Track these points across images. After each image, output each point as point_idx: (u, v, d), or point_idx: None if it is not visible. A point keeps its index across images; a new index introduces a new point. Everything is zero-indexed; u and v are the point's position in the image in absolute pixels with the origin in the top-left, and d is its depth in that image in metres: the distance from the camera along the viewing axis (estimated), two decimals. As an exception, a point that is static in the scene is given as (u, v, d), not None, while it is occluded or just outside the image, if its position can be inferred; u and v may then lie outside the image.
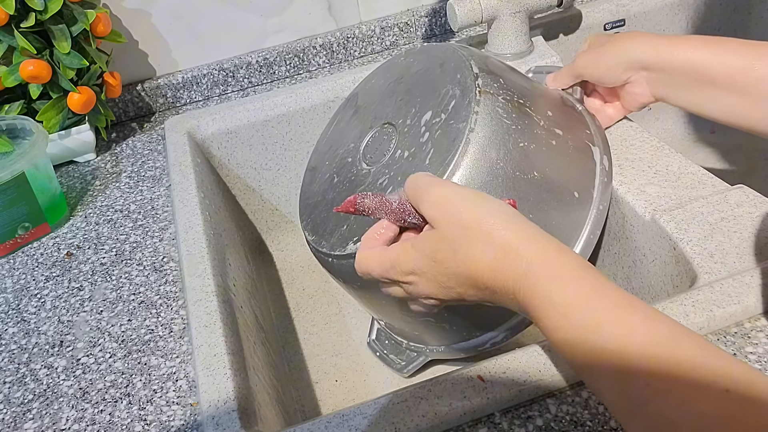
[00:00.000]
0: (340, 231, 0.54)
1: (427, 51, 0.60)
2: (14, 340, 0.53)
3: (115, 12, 0.80)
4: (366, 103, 0.63)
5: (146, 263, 0.59)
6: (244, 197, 0.83)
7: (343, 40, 0.86)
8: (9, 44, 0.69)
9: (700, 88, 0.50)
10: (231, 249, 0.66)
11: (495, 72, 0.54)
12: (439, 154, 0.50)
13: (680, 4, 0.88)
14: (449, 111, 0.52)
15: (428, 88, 0.56)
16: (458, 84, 0.53)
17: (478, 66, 0.54)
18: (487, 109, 0.50)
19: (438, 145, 0.51)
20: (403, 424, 0.39)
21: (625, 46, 0.54)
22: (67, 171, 0.76)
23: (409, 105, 0.56)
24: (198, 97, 0.86)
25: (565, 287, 0.34)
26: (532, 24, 0.79)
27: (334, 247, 0.54)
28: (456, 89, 0.53)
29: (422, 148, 0.52)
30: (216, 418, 0.42)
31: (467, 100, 0.51)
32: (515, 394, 0.40)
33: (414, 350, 0.63)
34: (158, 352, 0.50)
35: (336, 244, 0.54)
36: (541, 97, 0.57)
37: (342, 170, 0.59)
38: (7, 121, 0.66)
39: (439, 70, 0.56)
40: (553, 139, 0.53)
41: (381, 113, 0.59)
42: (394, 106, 0.58)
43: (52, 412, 0.46)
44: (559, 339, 0.34)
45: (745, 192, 0.50)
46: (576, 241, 0.51)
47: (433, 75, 0.57)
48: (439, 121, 0.52)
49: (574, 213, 0.52)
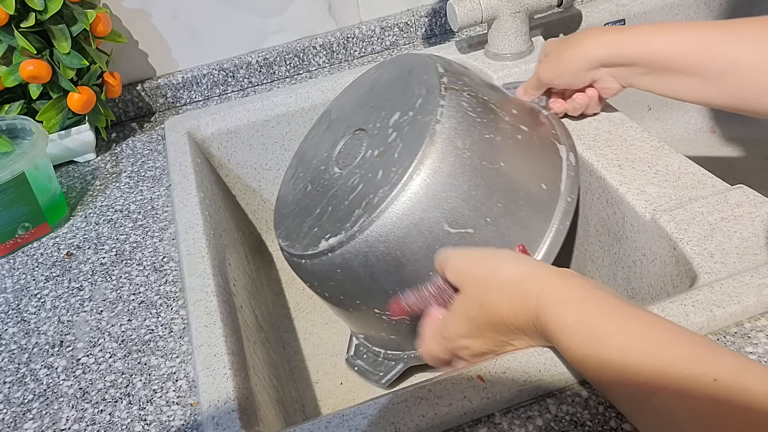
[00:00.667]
0: (312, 232, 0.55)
1: (396, 61, 0.63)
2: (14, 340, 0.53)
3: (115, 12, 0.80)
4: (339, 117, 0.65)
5: (146, 263, 0.59)
6: (244, 197, 0.83)
7: (343, 40, 0.86)
8: (9, 44, 0.69)
9: (659, 74, 0.52)
10: (231, 249, 0.66)
11: (460, 72, 0.57)
12: (407, 147, 0.52)
13: (680, 4, 0.88)
14: (416, 108, 0.54)
15: (397, 93, 0.58)
16: (425, 84, 0.55)
17: (443, 67, 0.56)
18: (452, 102, 0.53)
19: (406, 140, 0.52)
20: (403, 424, 0.39)
21: (583, 49, 0.56)
22: (67, 171, 0.76)
23: (379, 110, 0.58)
24: (198, 97, 0.86)
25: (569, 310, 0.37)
26: (532, 24, 0.79)
27: (306, 247, 0.55)
28: (422, 89, 0.55)
29: (391, 145, 0.54)
30: (216, 418, 0.42)
31: (433, 96, 0.53)
32: (515, 394, 0.40)
33: (392, 359, 0.62)
34: (158, 352, 0.50)
35: (308, 244, 0.55)
36: (507, 99, 0.60)
37: (315, 178, 0.60)
38: (7, 121, 0.66)
39: (408, 76, 0.59)
40: (518, 134, 0.55)
41: (353, 122, 0.61)
42: (365, 114, 0.60)
43: (52, 412, 0.46)
44: (572, 358, 0.37)
45: (745, 192, 0.50)
46: (547, 231, 0.53)
47: (401, 81, 0.59)
48: (407, 119, 0.54)
49: (543, 204, 0.53)
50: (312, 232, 0.55)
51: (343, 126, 0.62)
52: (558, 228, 0.53)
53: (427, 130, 0.51)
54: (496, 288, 0.40)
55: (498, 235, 0.51)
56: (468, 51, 0.81)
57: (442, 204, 0.50)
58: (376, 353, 0.63)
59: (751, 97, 0.48)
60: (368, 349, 0.65)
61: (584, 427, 0.38)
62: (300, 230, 0.57)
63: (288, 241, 0.58)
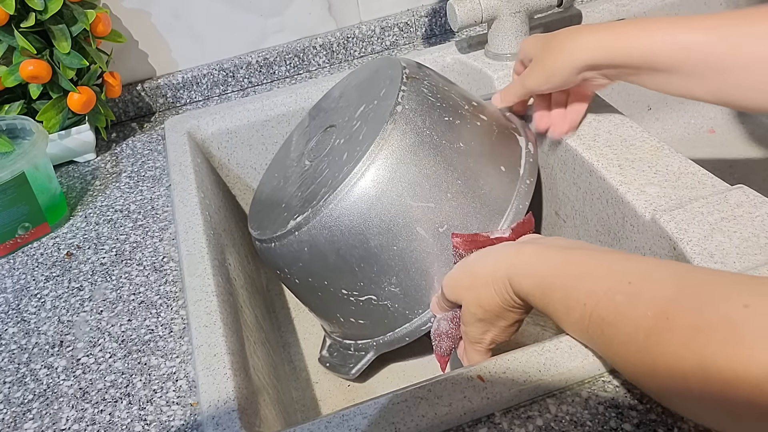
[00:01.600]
0: (281, 217, 0.57)
1: (366, 65, 0.67)
2: (14, 340, 0.53)
3: (115, 12, 0.80)
4: (311, 123, 0.68)
5: (146, 263, 0.59)
6: (244, 197, 0.83)
7: (343, 40, 0.86)
8: (9, 44, 0.69)
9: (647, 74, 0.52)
10: (231, 249, 0.66)
11: (422, 67, 0.61)
12: (371, 129, 0.55)
13: (680, 4, 0.88)
14: (380, 97, 0.58)
15: (364, 91, 0.62)
16: (389, 77, 0.59)
17: (406, 63, 0.60)
18: (413, 89, 0.56)
19: (370, 124, 0.56)
20: (403, 424, 0.39)
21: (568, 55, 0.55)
22: (67, 171, 0.76)
23: (348, 108, 0.62)
24: (198, 97, 0.86)
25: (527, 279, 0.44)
26: (532, 24, 0.79)
27: (275, 230, 0.57)
28: (386, 82, 0.59)
29: (356, 132, 0.57)
30: (216, 418, 0.42)
31: (395, 85, 0.57)
32: (515, 394, 0.40)
33: (362, 349, 0.62)
34: (158, 352, 0.50)
35: (277, 227, 0.57)
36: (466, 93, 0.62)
37: (287, 175, 0.63)
38: (7, 121, 0.66)
39: (374, 75, 0.63)
40: (477, 121, 0.58)
41: (324, 122, 0.65)
42: (335, 114, 0.64)
43: (52, 412, 0.46)
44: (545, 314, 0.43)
45: (745, 192, 0.50)
46: (507, 210, 0.56)
47: (368, 81, 0.63)
48: (371, 107, 0.58)
49: (502, 185, 0.56)
50: (281, 217, 0.57)
51: (315, 128, 0.66)
52: (517, 207, 0.56)
53: (388, 111, 0.54)
54: (481, 287, 0.47)
55: (459, 210, 0.54)
56: (468, 51, 0.81)
57: (403, 178, 0.53)
58: (347, 346, 0.64)
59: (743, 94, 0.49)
60: (340, 344, 0.65)
61: (584, 427, 0.38)
62: (270, 218, 0.60)
63: (259, 230, 0.60)
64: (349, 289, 0.56)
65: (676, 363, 0.32)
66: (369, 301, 0.56)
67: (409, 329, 0.57)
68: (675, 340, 0.33)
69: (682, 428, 0.37)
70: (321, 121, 0.66)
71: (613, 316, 0.37)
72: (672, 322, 0.33)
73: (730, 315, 0.31)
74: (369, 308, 0.57)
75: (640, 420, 0.38)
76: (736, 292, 0.32)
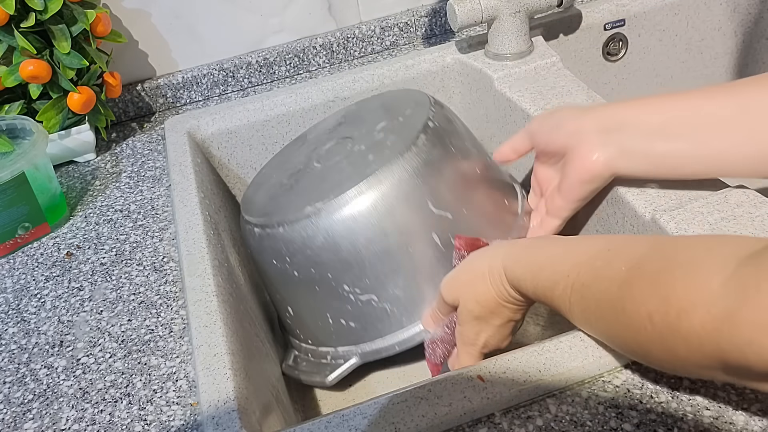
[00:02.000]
0: (294, 203, 0.57)
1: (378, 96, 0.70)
2: (14, 340, 0.53)
3: (115, 12, 0.80)
4: (315, 136, 0.69)
5: (146, 263, 0.59)
6: (244, 197, 0.83)
7: (343, 40, 0.86)
8: (9, 44, 0.69)
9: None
10: (231, 249, 0.66)
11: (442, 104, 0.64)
12: (401, 138, 0.57)
13: (680, 4, 0.88)
14: (406, 116, 0.61)
15: (384, 112, 0.64)
16: (413, 102, 0.62)
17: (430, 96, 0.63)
18: (440, 113, 0.60)
19: (399, 134, 0.58)
20: (403, 424, 0.39)
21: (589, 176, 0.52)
22: (67, 171, 0.76)
23: (364, 124, 0.64)
24: (198, 97, 0.86)
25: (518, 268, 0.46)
26: (532, 24, 0.79)
27: (286, 214, 0.56)
28: (411, 104, 0.62)
29: (381, 139, 0.59)
30: (216, 418, 0.42)
31: (423, 107, 0.60)
32: (515, 394, 0.40)
33: (342, 356, 0.60)
34: (158, 352, 0.50)
35: (289, 212, 0.56)
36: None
37: (292, 175, 0.63)
38: (7, 121, 0.66)
39: (394, 102, 0.66)
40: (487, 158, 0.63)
41: (333, 136, 0.65)
42: (348, 128, 0.65)
43: (52, 412, 0.46)
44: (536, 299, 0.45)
45: (745, 192, 0.50)
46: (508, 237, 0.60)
47: (385, 106, 0.66)
48: (396, 122, 0.60)
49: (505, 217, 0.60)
50: (294, 203, 0.57)
51: (322, 140, 0.66)
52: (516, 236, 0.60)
53: (420, 124, 0.57)
54: (478, 281, 0.48)
55: (471, 226, 0.56)
56: (468, 51, 0.81)
57: (428, 184, 0.55)
58: (321, 354, 0.62)
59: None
60: (312, 352, 0.63)
61: (584, 427, 0.38)
62: (274, 206, 0.59)
63: (260, 216, 0.59)
64: (352, 285, 0.55)
65: (643, 302, 0.33)
66: (369, 301, 0.56)
67: (402, 337, 0.57)
68: (643, 282, 0.34)
69: (682, 428, 0.37)
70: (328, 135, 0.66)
71: (592, 279, 0.38)
72: (642, 270, 0.35)
73: (695, 255, 0.33)
74: (366, 309, 0.56)
75: (640, 420, 0.38)
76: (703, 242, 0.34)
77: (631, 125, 0.49)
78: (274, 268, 0.59)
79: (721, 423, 0.37)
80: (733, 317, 0.28)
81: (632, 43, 0.89)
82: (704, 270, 0.31)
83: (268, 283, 0.63)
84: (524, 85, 0.72)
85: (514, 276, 0.45)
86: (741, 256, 0.30)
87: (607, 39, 0.88)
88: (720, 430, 0.36)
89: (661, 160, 0.48)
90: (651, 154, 0.48)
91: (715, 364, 0.31)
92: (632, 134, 0.49)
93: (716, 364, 0.31)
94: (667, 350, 0.33)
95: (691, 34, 0.91)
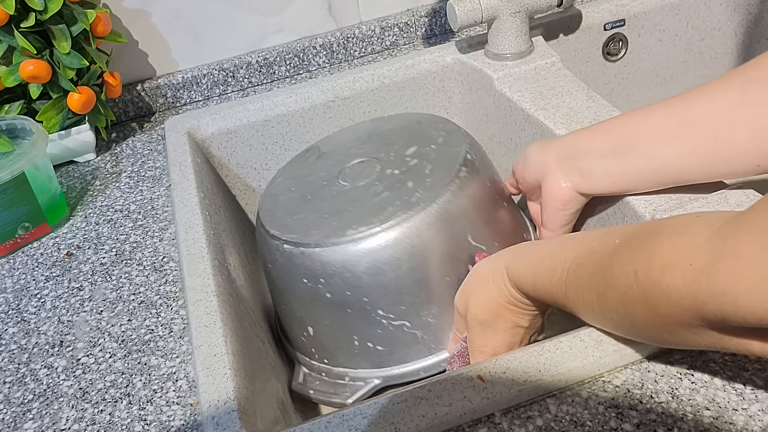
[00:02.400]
0: (330, 225, 0.56)
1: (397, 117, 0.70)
2: (14, 340, 0.53)
3: (115, 12, 0.80)
4: (331, 151, 0.68)
5: (146, 263, 0.59)
6: (244, 197, 0.83)
7: (343, 40, 0.86)
8: (9, 44, 0.69)
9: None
10: (231, 249, 0.66)
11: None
12: (441, 168, 0.58)
13: (680, 4, 0.88)
14: (439, 144, 0.61)
15: (408, 136, 0.64)
16: (443, 130, 0.63)
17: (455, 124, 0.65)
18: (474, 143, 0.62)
19: (438, 164, 0.58)
20: (403, 424, 0.39)
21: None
22: (67, 171, 0.76)
23: (390, 146, 0.64)
24: (198, 97, 0.86)
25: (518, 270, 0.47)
26: (532, 24, 0.79)
27: (327, 236, 0.55)
28: (441, 133, 0.63)
29: (416, 166, 0.59)
30: (216, 418, 0.42)
31: (458, 137, 0.61)
32: (515, 394, 0.40)
33: (361, 378, 0.60)
34: (158, 352, 0.50)
35: (329, 234, 0.55)
36: None
37: (316, 190, 0.62)
38: (7, 121, 0.66)
39: (418, 126, 0.66)
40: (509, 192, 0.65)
41: (355, 154, 0.65)
42: (371, 148, 0.65)
43: (52, 412, 0.46)
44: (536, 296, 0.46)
45: (745, 192, 0.50)
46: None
47: (409, 129, 0.66)
48: (429, 150, 0.61)
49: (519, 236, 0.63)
50: (330, 224, 0.56)
51: (342, 156, 0.65)
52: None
53: (460, 156, 0.58)
54: (483, 285, 0.49)
55: None
56: (468, 51, 0.81)
57: (469, 216, 0.56)
58: (339, 375, 0.61)
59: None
60: (327, 372, 0.62)
61: (584, 427, 0.38)
62: (307, 224, 0.57)
63: (291, 233, 0.57)
64: (387, 310, 0.55)
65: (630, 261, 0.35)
66: (401, 326, 0.56)
67: (428, 363, 0.57)
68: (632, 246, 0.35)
69: (682, 428, 0.37)
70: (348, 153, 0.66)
71: (587, 256, 0.40)
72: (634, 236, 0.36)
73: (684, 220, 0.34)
74: (397, 334, 0.56)
75: (640, 420, 0.38)
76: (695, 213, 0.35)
77: (586, 149, 0.53)
78: (303, 286, 0.57)
79: (721, 423, 0.37)
80: (711, 268, 0.30)
81: (632, 43, 0.89)
82: (691, 229, 0.32)
83: (289, 300, 0.61)
84: (524, 85, 0.72)
85: (515, 272, 0.46)
86: (727, 217, 0.31)
87: (607, 39, 0.88)
88: (720, 430, 0.36)
89: (620, 175, 0.51)
90: (609, 172, 0.52)
91: (694, 320, 0.32)
92: (588, 157, 0.52)
93: (695, 319, 0.32)
94: (650, 308, 0.34)
95: (691, 34, 0.91)
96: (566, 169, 0.54)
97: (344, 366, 0.60)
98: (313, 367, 0.63)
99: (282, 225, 0.59)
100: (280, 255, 0.58)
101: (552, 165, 0.54)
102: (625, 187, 0.52)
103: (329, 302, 0.57)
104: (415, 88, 0.82)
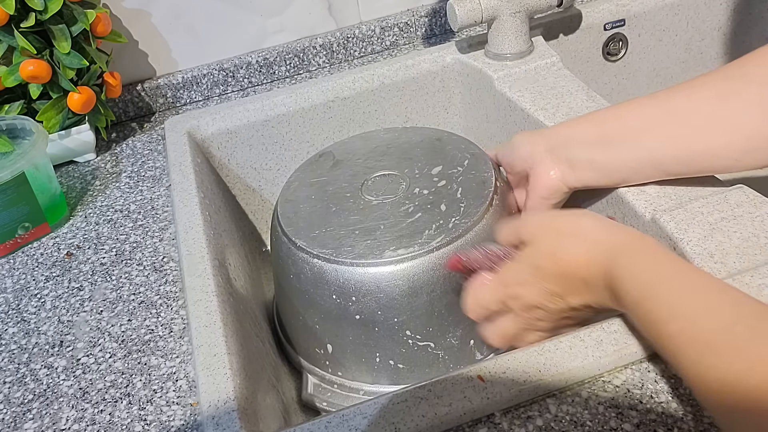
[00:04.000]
0: (363, 243, 0.55)
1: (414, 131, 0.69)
2: (14, 340, 0.53)
3: (115, 12, 0.80)
4: (348, 159, 0.67)
5: (146, 263, 0.59)
6: (244, 197, 0.83)
7: (343, 40, 0.86)
8: (9, 44, 0.69)
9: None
10: (231, 249, 0.66)
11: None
12: (473, 194, 0.58)
13: (680, 4, 0.88)
14: (465, 167, 0.61)
15: (431, 154, 0.64)
16: (467, 152, 0.63)
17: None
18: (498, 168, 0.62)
19: (468, 187, 0.59)
20: (403, 424, 0.39)
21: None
22: (67, 171, 0.76)
23: (413, 162, 0.64)
24: (198, 97, 0.86)
25: (641, 274, 0.38)
26: (532, 24, 0.79)
27: (360, 256, 0.54)
28: (465, 153, 0.63)
29: (447, 189, 0.59)
30: (216, 418, 0.42)
31: (484, 161, 0.61)
32: (515, 394, 0.40)
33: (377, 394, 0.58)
34: (158, 352, 0.50)
35: (364, 254, 0.54)
36: None
37: (340, 202, 0.61)
38: (7, 121, 0.66)
39: (439, 144, 0.66)
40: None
41: (376, 166, 0.65)
42: (392, 162, 0.64)
43: (52, 412, 0.46)
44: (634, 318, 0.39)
45: (745, 192, 0.50)
46: None
47: (431, 146, 0.65)
48: (456, 173, 0.61)
49: None
50: (364, 243, 0.55)
51: (361, 166, 0.65)
52: None
53: (491, 183, 0.59)
54: (574, 239, 0.43)
55: None
56: (468, 51, 0.81)
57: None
58: (354, 389, 0.60)
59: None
60: (341, 386, 0.61)
61: (584, 427, 0.38)
62: (339, 239, 0.56)
63: (322, 248, 0.56)
64: (415, 331, 0.55)
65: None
66: (426, 347, 0.56)
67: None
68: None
69: (682, 428, 0.37)
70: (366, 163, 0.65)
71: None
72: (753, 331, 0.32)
73: None
74: (420, 354, 0.56)
75: (640, 420, 0.38)
76: None
77: (574, 139, 0.53)
78: (330, 302, 0.56)
79: (721, 423, 0.37)
80: None
81: (632, 43, 0.89)
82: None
83: (311, 312, 0.59)
84: (524, 85, 0.72)
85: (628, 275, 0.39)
86: None
87: (607, 39, 0.88)
88: (720, 430, 0.36)
89: (605, 165, 0.52)
90: (595, 161, 0.52)
91: None
92: (575, 147, 0.53)
93: None
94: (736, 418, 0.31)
95: (691, 34, 0.91)
96: (555, 159, 0.54)
97: (359, 380, 0.60)
98: (325, 379, 0.62)
99: (309, 237, 0.57)
100: (309, 269, 0.56)
101: (542, 154, 0.55)
102: (611, 177, 0.53)
103: (357, 320, 0.56)
104: (415, 88, 0.83)
